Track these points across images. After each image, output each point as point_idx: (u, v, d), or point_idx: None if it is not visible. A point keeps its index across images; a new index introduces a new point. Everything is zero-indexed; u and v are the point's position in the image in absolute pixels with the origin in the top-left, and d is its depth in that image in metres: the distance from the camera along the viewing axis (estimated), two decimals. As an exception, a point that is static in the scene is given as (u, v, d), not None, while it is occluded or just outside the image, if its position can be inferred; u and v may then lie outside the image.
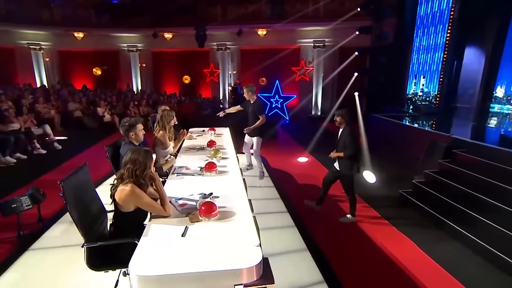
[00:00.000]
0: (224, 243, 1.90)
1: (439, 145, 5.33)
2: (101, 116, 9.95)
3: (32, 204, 3.58)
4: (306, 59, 14.20)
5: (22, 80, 13.64)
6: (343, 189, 4.13)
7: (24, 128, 7.00)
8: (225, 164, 3.50)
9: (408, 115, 8.91)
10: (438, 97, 9.24)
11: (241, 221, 2.16)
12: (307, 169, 6.52)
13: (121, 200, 2.20)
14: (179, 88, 15.79)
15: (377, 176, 5.10)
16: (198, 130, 5.47)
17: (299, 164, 6.99)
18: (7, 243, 3.37)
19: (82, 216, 2.18)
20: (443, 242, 3.66)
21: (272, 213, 4.20)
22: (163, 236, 1.98)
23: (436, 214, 4.02)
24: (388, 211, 4.42)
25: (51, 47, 14.34)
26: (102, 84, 14.81)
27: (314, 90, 14.20)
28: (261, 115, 5.20)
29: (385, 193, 5.03)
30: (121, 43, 14.90)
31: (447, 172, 4.75)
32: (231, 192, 2.68)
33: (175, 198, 2.54)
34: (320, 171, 6.23)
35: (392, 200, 4.81)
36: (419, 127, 6.88)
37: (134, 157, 2.27)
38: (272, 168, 6.36)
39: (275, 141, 9.41)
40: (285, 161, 7.10)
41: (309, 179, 5.82)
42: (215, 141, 4.25)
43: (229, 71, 15.44)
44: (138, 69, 15.37)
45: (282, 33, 13.67)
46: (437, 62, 9.20)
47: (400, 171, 6.02)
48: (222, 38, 14.59)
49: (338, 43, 12.96)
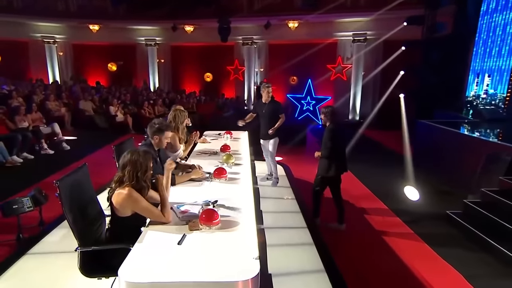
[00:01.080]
0: (222, 254, 2.00)
1: (502, 158, 5.11)
2: (113, 116, 10.49)
3: (34, 206, 3.89)
4: (344, 55, 14.09)
5: (35, 75, 14.69)
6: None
7: (32, 126, 7.56)
8: (237, 171, 3.62)
9: (466, 121, 8.57)
10: (507, 100, 8.76)
11: (243, 232, 2.25)
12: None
13: (118, 204, 2.37)
14: (199, 87, 16.25)
15: (421, 192, 5.00)
16: (214, 134, 5.65)
17: (328, 174, 6.96)
18: (5, 246, 3.67)
19: (77, 218, 2.37)
20: (501, 279, 3.46)
21: (289, 228, 4.26)
22: (159, 243, 2.11)
23: (493, 243, 3.83)
24: (431, 234, 4.30)
25: (65, 40, 15.35)
26: (117, 81, 15.59)
27: (352, 90, 14.02)
28: (282, 114, 5.41)
29: (429, 212, 4.92)
30: (139, 37, 15.63)
31: (510, 192, 4.51)
32: (238, 201, 2.78)
33: (177, 205, 2.68)
34: (353, 185, 6.21)
35: (437, 222, 4.69)
36: (479, 136, 6.58)
37: (135, 159, 2.44)
38: (294, 178, 6.40)
39: (303, 148, 9.43)
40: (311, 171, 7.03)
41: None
42: (229, 146, 4.40)
43: (255, 69, 15.68)
44: (156, 65, 16.02)
45: (316, 25, 13.69)
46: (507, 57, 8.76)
47: (449, 188, 5.85)
48: (248, 31, 14.87)
49: (382, 36, 12.75)
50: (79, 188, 2.52)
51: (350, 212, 4.99)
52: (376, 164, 7.59)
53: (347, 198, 5.54)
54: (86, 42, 15.49)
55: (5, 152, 6.52)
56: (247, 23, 14.37)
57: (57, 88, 12.20)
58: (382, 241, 4.14)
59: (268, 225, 4.20)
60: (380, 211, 5.09)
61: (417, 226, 4.52)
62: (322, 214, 4.53)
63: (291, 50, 14.31)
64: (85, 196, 2.59)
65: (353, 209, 5.14)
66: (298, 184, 6.02)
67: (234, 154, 4.20)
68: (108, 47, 15.80)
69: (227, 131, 5.40)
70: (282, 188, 5.73)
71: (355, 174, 6.76)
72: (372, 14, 12.24)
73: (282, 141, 5.92)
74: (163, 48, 15.92)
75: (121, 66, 16.20)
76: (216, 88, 16.20)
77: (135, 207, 2.35)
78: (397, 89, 11.41)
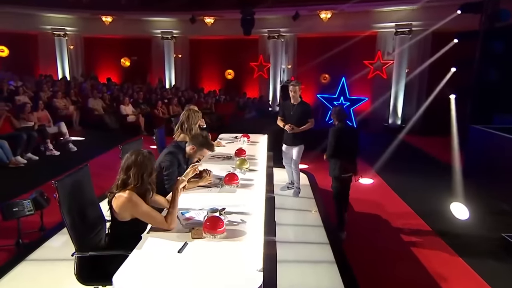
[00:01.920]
0: (223, 264, 2.09)
1: None
2: (124, 115, 10.88)
3: (35, 209, 4.13)
4: (384, 50, 13.92)
5: (44, 71, 15.47)
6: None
7: (38, 125, 7.99)
8: (251, 177, 3.72)
9: None
10: None
11: (249, 243, 2.33)
12: (369, 193, 6.47)
13: (117, 207, 2.51)
14: (220, 85, 16.53)
15: (471, 210, 4.89)
16: (229, 137, 5.79)
17: (360, 186, 6.86)
18: (4, 251, 3.92)
19: (76, 222, 2.53)
20: None
21: (308, 243, 4.31)
22: (158, 250, 2.23)
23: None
24: (482, 262, 4.16)
25: (76, 33, 16.08)
26: (130, 78, 16.13)
27: (393, 90, 13.74)
28: (311, 119, 5.50)
29: (480, 234, 4.80)
30: (154, 29, 16.12)
31: None
32: (248, 209, 2.87)
33: (182, 211, 2.80)
34: (388, 198, 6.17)
35: (491, 247, 4.54)
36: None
37: (140, 160, 2.58)
38: (319, 188, 6.42)
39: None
40: (339, 181, 7.13)
41: (369, 206, 5.77)
42: (245, 150, 4.51)
43: (282, 65, 15.78)
44: (173, 60, 16.45)
45: (352, 16, 13.63)
46: None
47: (507, 206, 5.70)
48: (274, 23, 15.00)
49: (431, 27, 12.45)
50: (79, 190, 2.69)
51: (383, 231, 4.99)
52: (417, 175, 7.47)
53: (381, 213, 5.51)
54: (98, 35, 16.14)
55: (9, 152, 6.92)
56: (273, 14, 14.51)
57: (65, 85, 12.78)
58: (420, 266, 4.06)
59: (284, 239, 4.27)
60: (421, 231, 4.97)
61: (465, 251, 4.38)
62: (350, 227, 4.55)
63: (322, 45, 14.32)
64: (85, 199, 2.75)
65: (386, 227, 5.10)
66: (323, 195, 6.04)
67: (250, 159, 4.30)
68: (121, 40, 16.40)
69: (244, 134, 5.51)
70: (304, 199, 5.78)
71: (392, 187, 6.72)
72: (418, 1, 12.03)
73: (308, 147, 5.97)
74: (180, 41, 16.33)
75: (135, 61, 16.76)
76: (238, 86, 16.42)
77: (134, 212, 2.49)
78: (447, 88, 11.12)
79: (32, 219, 4.22)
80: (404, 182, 7.02)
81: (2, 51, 15.71)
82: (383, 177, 7.27)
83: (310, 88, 15.54)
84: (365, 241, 4.65)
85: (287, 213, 5.22)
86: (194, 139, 3.59)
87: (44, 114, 8.56)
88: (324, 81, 15.58)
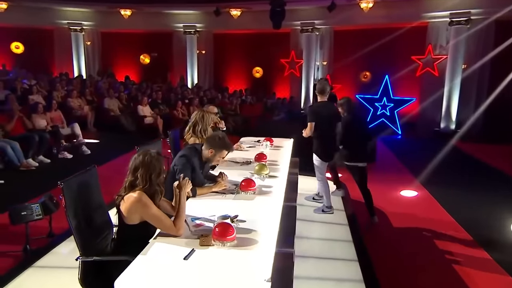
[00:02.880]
0: (230, 273, 2.22)
1: None
2: (141, 117, 11.27)
3: (43, 214, 4.41)
4: (436, 43, 13.64)
5: (59, 69, 16.28)
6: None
7: (50, 126, 8.44)
8: (271, 183, 3.85)
9: None
10: None
11: (260, 252, 2.45)
12: (412, 207, 6.40)
13: (126, 209, 2.69)
14: (247, 84, 16.79)
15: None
16: (251, 140, 5.95)
17: (402, 199, 6.91)
18: (11, 257, 4.21)
19: (81, 225, 2.73)
20: None
21: (334, 259, 4.37)
22: (163, 256, 2.38)
23: None
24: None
25: (93, 28, 16.83)
26: (150, 76, 16.67)
27: (445, 90, 13.44)
28: (309, 122, 5.37)
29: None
30: (176, 23, 16.61)
31: None
32: (263, 218, 2.99)
33: (192, 217, 2.95)
34: (434, 214, 6.08)
35: None
36: None
37: (148, 160, 2.76)
38: (351, 199, 6.45)
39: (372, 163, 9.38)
40: (378, 192, 7.06)
41: (410, 222, 5.72)
42: (266, 155, 4.64)
43: (316, 62, 15.84)
44: (196, 57, 16.89)
45: (397, 4, 13.51)
46: None
47: None
48: (307, 15, 15.10)
49: (494, 15, 12.11)
50: (86, 192, 2.90)
51: (425, 253, 4.86)
52: (473, 189, 7.28)
53: (424, 231, 5.42)
54: (116, 30, 16.81)
55: (21, 154, 7.34)
56: (307, 4, 14.64)
57: (81, 83, 13.38)
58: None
59: (307, 253, 4.34)
60: (477, 260, 4.69)
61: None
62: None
63: (362, 38, 14.30)
64: (92, 202, 2.96)
65: (430, 248, 4.95)
66: (356, 208, 6.07)
67: (271, 165, 4.43)
68: (140, 35, 16.99)
69: (266, 138, 5.64)
70: (335, 211, 5.80)
71: (440, 201, 6.58)
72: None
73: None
74: (204, 36, 16.74)
75: (155, 58, 17.31)
76: (266, 85, 16.64)
77: (143, 213, 2.66)
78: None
79: (40, 224, 4.50)
80: (456, 196, 6.87)
81: (18, 48, 16.66)
82: (430, 189, 7.17)
83: (348, 87, 15.51)
84: (399, 260, 4.63)
85: (312, 226, 5.30)
86: (211, 142, 3.74)
87: (57, 114, 9.03)
88: (365, 80, 15.48)
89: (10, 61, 16.22)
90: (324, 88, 5.39)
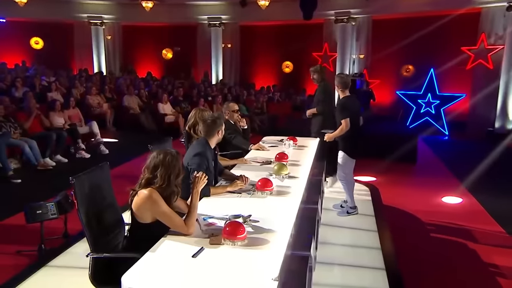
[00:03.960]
0: (237, 271, 2.37)
1: None
2: (162, 115, 11.59)
3: (58, 213, 4.70)
4: (490, 32, 13.15)
5: (79, 65, 16.93)
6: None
7: (68, 124, 8.84)
8: (289, 184, 3.99)
9: None
10: None
11: (270, 252, 2.59)
12: (454, 215, 6.26)
13: (136, 205, 2.89)
14: (276, 80, 16.93)
15: None
16: (274, 140, 6.09)
17: (443, 206, 6.80)
18: (25, 257, 4.51)
19: (92, 221, 2.94)
20: None
21: (359, 267, 4.44)
22: (171, 254, 2.56)
23: None
24: None
25: (114, 21, 17.39)
26: (172, 72, 17.09)
27: (501, 84, 12.92)
28: (343, 119, 5.54)
29: None
30: (200, 15, 16.94)
31: None
32: (277, 218, 3.13)
33: (204, 216, 3.13)
34: (481, 223, 5.90)
35: None
36: None
37: (169, 160, 2.95)
38: (383, 205, 6.50)
39: (412, 165, 9.39)
40: (416, 196, 7.11)
41: (452, 231, 5.65)
42: (287, 155, 4.77)
43: (352, 55, 15.77)
44: (221, 51, 17.16)
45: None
46: None
47: None
48: (343, 3, 15.10)
49: None
50: (97, 189, 3.12)
51: (467, 267, 4.75)
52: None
53: (470, 244, 5.24)
54: (137, 23, 17.31)
55: (38, 153, 7.75)
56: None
57: (100, 80, 13.88)
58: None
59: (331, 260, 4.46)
60: None
61: None
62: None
63: (405, 28, 14.09)
64: (104, 199, 3.18)
65: (475, 266, 4.77)
66: (389, 214, 6.11)
67: (292, 166, 4.57)
68: (163, 29, 17.43)
69: (290, 137, 5.77)
70: (363, 217, 5.89)
71: (490, 210, 6.41)
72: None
73: (376, 154, 6.00)
74: (230, 29, 17.00)
75: (178, 53, 17.69)
76: (297, 81, 16.68)
77: (153, 210, 2.84)
78: None
79: (55, 225, 4.79)
80: (510, 206, 6.68)
81: (37, 43, 17.41)
82: (478, 197, 6.99)
83: (388, 83, 15.39)
84: (433, 273, 4.60)
85: (338, 231, 5.41)
86: (209, 128, 4.02)
87: (75, 112, 9.45)
88: (407, 74, 15.27)
89: (30, 57, 17.00)
90: (348, 82, 5.74)
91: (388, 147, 9.18)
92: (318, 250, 4.45)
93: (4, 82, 11.42)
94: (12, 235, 5.16)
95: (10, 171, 7.13)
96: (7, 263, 4.41)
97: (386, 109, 15.28)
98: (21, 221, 4.66)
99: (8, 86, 11.01)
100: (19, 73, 13.04)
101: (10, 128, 7.61)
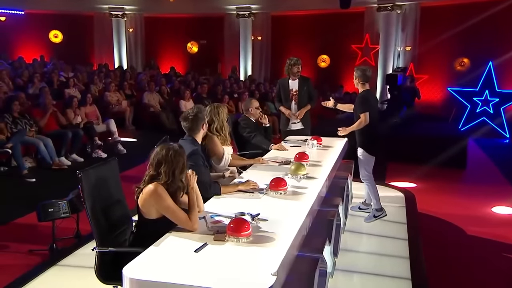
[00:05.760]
0: (238, 266, 2.62)
1: None
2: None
3: (70, 212, 5.08)
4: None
5: (99, 59, 17.58)
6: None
7: (84, 122, 9.30)
8: (306, 185, 4.21)
9: None
10: None
11: (273, 249, 2.82)
12: (505, 228, 6.22)
13: (141, 200, 3.18)
14: (310, 75, 16.92)
15: None
16: (297, 139, 6.33)
17: (493, 216, 6.77)
18: (37, 255, 4.92)
19: (99, 217, 3.26)
20: None
21: (384, 276, 4.57)
22: (175, 248, 2.84)
23: None
24: None
25: (136, 13, 17.95)
26: (198, 67, 17.44)
27: None
28: (363, 113, 5.71)
29: None
30: (228, 4, 17.24)
31: None
32: (287, 218, 3.36)
33: (212, 214, 3.40)
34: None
35: None
36: None
37: (172, 156, 3.23)
38: (419, 212, 6.57)
39: (460, 171, 9.41)
40: (462, 204, 7.13)
41: (498, 245, 5.63)
42: (307, 155, 4.97)
43: (397, 47, 15.65)
44: (250, 44, 17.40)
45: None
46: None
47: None
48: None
49: None
50: (105, 184, 3.44)
51: None
52: None
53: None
54: (161, 15, 17.80)
55: (53, 152, 8.20)
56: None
57: (120, 76, 14.38)
58: None
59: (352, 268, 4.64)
60: None
61: None
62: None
63: (459, 15, 13.91)
64: (112, 195, 3.50)
65: None
66: (425, 222, 6.20)
67: (313, 166, 4.78)
68: (188, 20, 17.85)
69: (314, 136, 5.96)
70: (392, 224, 6.01)
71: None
72: None
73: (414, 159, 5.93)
74: (260, 20, 17.23)
75: (204, 46, 18.03)
76: (334, 77, 16.72)
77: (158, 205, 3.12)
78: None
79: (67, 225, 5.18)
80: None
81: (56, 36, 18.17)
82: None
83: (437, 78, 15.20)
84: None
85: (365, 238, 5.59)
86: (192, 124, 4.26)
87: (93, 109, 9.91)
88: (461, 68, 14.95)
89: (48, 51, 17.75)
90: (369, 75, 5.84)
91: (431, 150, 9.23)
92: (339, 256, 4.66)
93: (21, 77, 12.05)
94: (24, 234, 5.59)
95: (24, 169, 7.60)
96: (19, 262, 4.82)
97: (435, 107, 15.14)
98: (34, 221, 5.07)
99: (25, 82, 11.62)
100: (37, 69, 13.69)
101: (25, 125, 8.06)
